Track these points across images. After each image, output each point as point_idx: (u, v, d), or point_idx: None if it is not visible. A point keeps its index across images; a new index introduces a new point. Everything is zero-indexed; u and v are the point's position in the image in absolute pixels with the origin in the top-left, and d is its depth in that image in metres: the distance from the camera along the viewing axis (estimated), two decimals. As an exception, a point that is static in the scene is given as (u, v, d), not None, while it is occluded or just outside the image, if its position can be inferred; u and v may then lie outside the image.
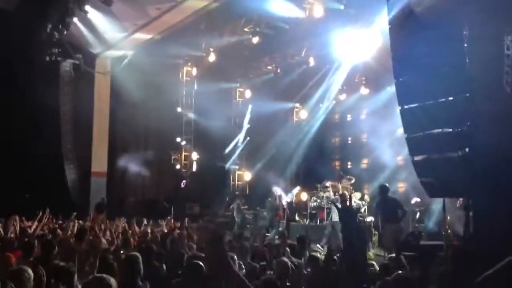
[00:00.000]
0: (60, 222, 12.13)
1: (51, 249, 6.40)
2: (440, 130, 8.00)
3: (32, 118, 17.58)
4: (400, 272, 4.90)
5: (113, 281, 3.52)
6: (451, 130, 7.85)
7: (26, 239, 7.41)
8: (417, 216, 14.55)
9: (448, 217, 10.69)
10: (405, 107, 8.17)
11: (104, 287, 3.46)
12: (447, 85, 7.82)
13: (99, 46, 19.61)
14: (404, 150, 11.45)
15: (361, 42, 18.16)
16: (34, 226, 9.99)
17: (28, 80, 17.20)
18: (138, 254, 5.25)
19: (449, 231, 11.16)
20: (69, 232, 9.46)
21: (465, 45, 7.70)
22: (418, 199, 15.20)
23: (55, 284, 4.97)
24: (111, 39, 19.18)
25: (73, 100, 20.55)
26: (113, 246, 7.41)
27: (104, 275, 3.57)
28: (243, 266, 6.50)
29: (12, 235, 8.47)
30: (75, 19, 16.82)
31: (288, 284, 5.45)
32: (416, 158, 8.12)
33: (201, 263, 4.91)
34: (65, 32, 16.64)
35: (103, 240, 8.05)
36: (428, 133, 8.04)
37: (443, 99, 7.86)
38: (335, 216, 14.79)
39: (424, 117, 8.06)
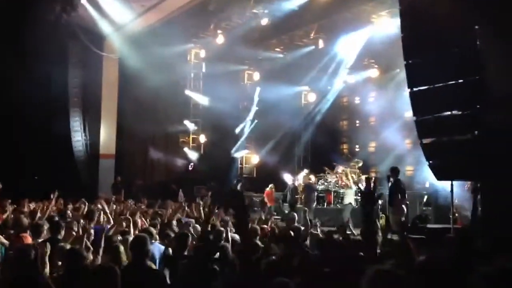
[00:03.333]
0: (70, 204, 12.19)
1: (59, 230, 6.46)
2: (449, 112, 7.98)
3: (40, 100, 17.63)
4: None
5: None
6: (460, 112, 7.82)
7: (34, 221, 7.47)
8: (424, 199, 14.52)
9: (456, 200, 10.65)
10: (415, 89, 8.13)
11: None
12: (457, 67, 7.77)
13: (108, 28, 19.54)
14: (412, 133, 11.41)
15: (370, 24, 18.08)
16: (44, 208, 10.08)
17: (36, 62, 17.22)
18: (146, 235, 5.29)
19: (456, 214, 11.16)
20: (80, 213, 9.55)
21: (476, 27, 7.62)
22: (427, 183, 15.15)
23: (61, 266, 5.03)
24: (119, 21, 19.10)
25: (81, 82, 20.62)
26: (121, 228, 7.45)
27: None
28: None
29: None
30: (83, 1, 16.79)
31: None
32: (425, 140, 8.11)
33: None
34: (73, 14, 16.61)
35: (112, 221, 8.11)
36: (437, 115, 8.01)
37: (453, 82, 7.81)
38: (348, 199, 14.92)
39: (434, 100, 8.03)
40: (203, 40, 21.98)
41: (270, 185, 18.08)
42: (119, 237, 6.63)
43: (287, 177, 19.55)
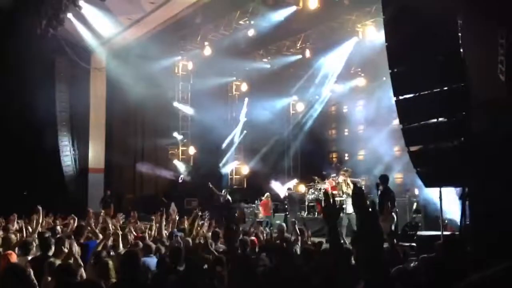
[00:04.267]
0: (59, 219, 12.09)
1: (49, 247, 6.40)
2: (435, 120, 8.03)
3: (28, 115, 17.54)
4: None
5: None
6: (446, 119, 7.88)
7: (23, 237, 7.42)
8: (414, 206, 14.59)
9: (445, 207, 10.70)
10: (400, 97, 8.17)
11: None
12: (442, 75, 7.84)
13: (94, 41, 19.53)
14: (400, 141, 11.48)
15: (356, 34, 18.28)
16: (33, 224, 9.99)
17: (23, 77, 17.16)
18: (137, 250, 5.27)
19: (445, 221, 11.21)
20: (69, 229, 9.48)
21: (459, 34, 7.71)
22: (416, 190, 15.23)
23: (51, 282, 4.98)
24: (106, 34, 19.11)
25: (69, 96, 20.53)
26: (110, 242, 7.40)
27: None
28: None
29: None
30: (70, 15, 16.78)
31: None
32: (412, 148, 8.14)
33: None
34: (59, 28, 16.59)
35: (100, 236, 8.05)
36: (423, 123, 8.06)
37: (438, 89, 7.87)
38: (350, 208, 14.93)
39: (420, 107, 8.08)
40: (190, 52, 22.05)
41: (266, 194, 18.10)
42: (109, 253, 6.59)
43: (278, 187, 19.61)
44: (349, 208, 15.12)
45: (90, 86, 21.09)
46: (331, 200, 3.56)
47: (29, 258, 6.14)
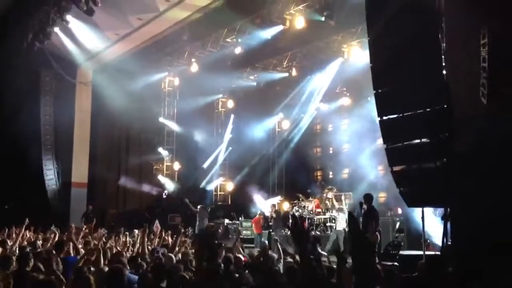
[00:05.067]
0: (40, 234, 11.96)
1: (27, 262, 6.31)
2: (418, 140, 8.13)
3: (12, 128, 17.40)
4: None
5: None
6: (429, 140, 7.98)
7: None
8: (397, 225, 14.65)
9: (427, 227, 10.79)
10: (384, 118, 8.26)
11: None
12: (425, 96, 7.96)
13: (81, 56, 19.50)
14: (384, 160, 11.59)
15: (341, 54, 18.52)
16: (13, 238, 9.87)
17: (8, 90, 17.04)
18: (121, 267, 5.24)
19: (428, 241, 11.28)
20: (49, 244, 9.37)
21: (443, 57, 7.86)
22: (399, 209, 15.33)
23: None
24: (93, 49, 19.11)
25: (53, 110, 20.42)
26: (92, 257, 7.33)
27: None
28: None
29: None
30: (56, 29, 16.76)
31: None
32: (395, 168, 8.22)
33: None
34: (46, 42, 16.55)
35: (82, 251, 7.99)
36: (406, 143, 8.15)
37: (421, 110, 7.98)
38: (339, 225, 15.01)
39: (403, 128, 8.18)
40: (177, 68, 22.10)
41: (259, 212, 18.07)
42: (89, 268, 6.52)
43: (262, 204, 19.59)
44: (338, 225, 15.22)
45: (76, 100, 21.01)
46: (298, 223, 3.60)
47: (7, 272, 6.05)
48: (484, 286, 3.16)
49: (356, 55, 17.57)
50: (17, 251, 7.12)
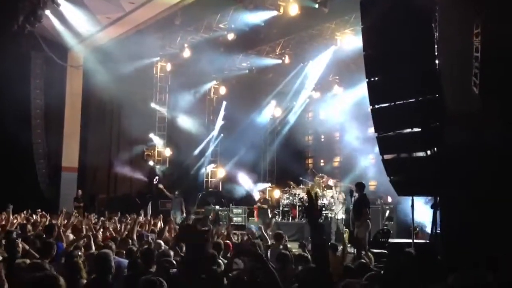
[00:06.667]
0: (31, 218, 11.94)
1: (15, 248, 6.29)
2: (409, 129, 8.17)
3: (2, 111, 17.25)
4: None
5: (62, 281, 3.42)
6: (420, 129, 8.01)
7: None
8: (387, 214, 14.76)
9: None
10: (376, 106, 8.30)
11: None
12: (417, 85, 7.98)
13: (72, 39, 19.31)
14: (375, 149, 11.65)
15: (335, 42, 18.49)
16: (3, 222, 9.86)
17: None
18: (109, 251, 5.23)
19: (417, 229, 11.38)
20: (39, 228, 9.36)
21: (436, 46, 7.86)
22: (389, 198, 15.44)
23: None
24: (84, 33, 18.90)
25: (44, 94, 20.23)
26: (80, 242, 7.32)
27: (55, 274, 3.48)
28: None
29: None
30: (47, 12, 16.56)
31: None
32: (386, 156, 8.27)
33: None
34: (37, 25, 16.36)
35: (70, 236, 7.97)
36: (397, 132, 8.19)
37: (413, 99, 8.02)
38: (330, 214, 15.08)
39: (395, 117, 8.21)
40: (169, 53, 21.94)
41: (258, 199, 18.13)
42: (80, 253, 6.51)
43: (252, 190, 19.65)
44: (329, 213, 15.29)
45: (66, 84, 20.81)
46: (314, 201, 3.62)
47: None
48: (473, 274, 3.19)
49: (349, 43, 17.53)
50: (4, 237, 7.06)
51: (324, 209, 15.36)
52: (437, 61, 7.90)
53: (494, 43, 7.35)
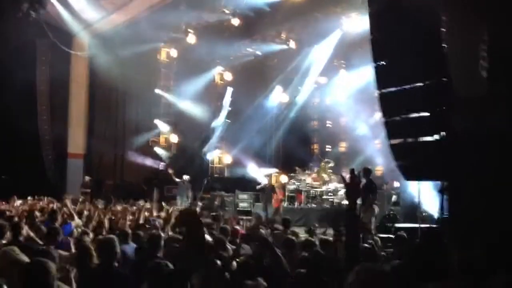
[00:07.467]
0: (39, 204, 12.02)
1: (19, 231, 6.32)
2: (417, 114, 8.09)
3: (8, 99, 17.28)
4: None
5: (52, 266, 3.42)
6: (427, 114, 7.94)
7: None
8: (393, 199, 14.75)
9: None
10: (383, 91, 8.22)
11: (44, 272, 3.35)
12: (424, 69, 7.89)
13: (76, 26, 19.25)
14: (381, 134, 11.60)
15: (340, 26, 18.33)
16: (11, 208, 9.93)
17: (4, 60, 16.86)
18: (115, 237, 5.22)
19: (423, 214, 11.35)
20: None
21: (443, 30, 7.76)
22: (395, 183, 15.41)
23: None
24: (89, 19, 18.84)
25: (49, 80, 20.25)
26: (89, 227, 7.37)
27: (43, 260, 3.49)
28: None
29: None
30: (52, -2, 16.53)
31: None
32: (393, 141, 8.20)
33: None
34: (41, 11, 16.31)
35: (78, 221, 8.00)
36: (405, 117, 8.12)
37: (421, 83, 7.93)
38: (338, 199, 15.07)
39: (401, 101, 8.13)
40: (174, 39, 21.85)
41: (278, 184, 18.01)
42: (89, 238, 6.54)
43: (258, 175, 19.66)
44: (336, 198, 15.30)
45: (71, 71, 20.81)
46: (356, 178, 3.62)
47: (3, 242, 6.05)
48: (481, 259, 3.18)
49: (355, 27, 17.36)
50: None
51: (330, 194, 15.38)
52: (444, 45, 7.81)
53: (504, 26, 7.25)
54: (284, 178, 19.25)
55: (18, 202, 11.50)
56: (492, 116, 7.10)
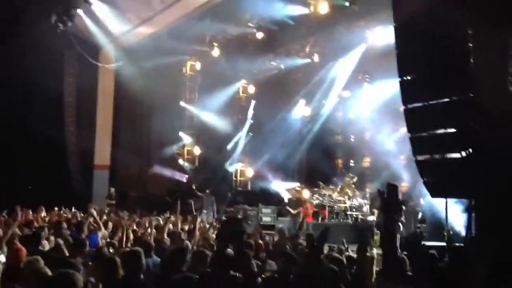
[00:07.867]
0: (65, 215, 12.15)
1: (39, 241, 6.41)
2: (443, 130, 8.00)
3: (36, 110, 17.61)
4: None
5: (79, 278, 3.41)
6: (454, 130, 7.84)
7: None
8: (419, 216, 14.52)
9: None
10: (409, 106, 8.17)
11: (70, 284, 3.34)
12: (451, 84, 7.81)
13: (103, 38, 19.56)
14: (407, 149, 11.47)
15: (365, 40, 18.26)
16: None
17: (32, 72, 17.20)
18: (140, 249, 5.23)
19: (450, 232, 11.15)
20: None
21: (470, 45, 7.68)
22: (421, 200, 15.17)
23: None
24: (116, 32, 19.13)
25: (76, 92, 20.59)
26: (115, 239, 7.41)
27: (71, 271, 3.48)
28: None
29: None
30: (80, 11, 16.82)
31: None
32: (419, 157, 8.12)
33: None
34: (69, 24, 16.63)
35: (104, 232, 8.06)
36: (431, 133, 8.04)
37: (447, 99, 7.85)
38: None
39: (428, 117, 8.06)
40: (199, 52, 22.04)
41: (306, 198, 17.77)
42: (111, 250, 6.58)
43: (280, 190, 19.58)
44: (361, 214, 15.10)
45: (98, 83, 21.17)
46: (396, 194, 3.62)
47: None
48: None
49: (380, 41, 17.27)
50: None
51: (354, 210, 15.23)
52: (471, 60, 7.72)
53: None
54: (306, 193, 19.10)
55: (44, 213, 11.63)
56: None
